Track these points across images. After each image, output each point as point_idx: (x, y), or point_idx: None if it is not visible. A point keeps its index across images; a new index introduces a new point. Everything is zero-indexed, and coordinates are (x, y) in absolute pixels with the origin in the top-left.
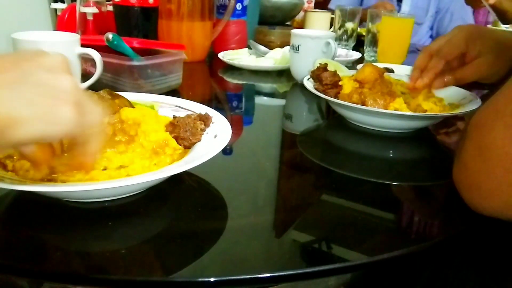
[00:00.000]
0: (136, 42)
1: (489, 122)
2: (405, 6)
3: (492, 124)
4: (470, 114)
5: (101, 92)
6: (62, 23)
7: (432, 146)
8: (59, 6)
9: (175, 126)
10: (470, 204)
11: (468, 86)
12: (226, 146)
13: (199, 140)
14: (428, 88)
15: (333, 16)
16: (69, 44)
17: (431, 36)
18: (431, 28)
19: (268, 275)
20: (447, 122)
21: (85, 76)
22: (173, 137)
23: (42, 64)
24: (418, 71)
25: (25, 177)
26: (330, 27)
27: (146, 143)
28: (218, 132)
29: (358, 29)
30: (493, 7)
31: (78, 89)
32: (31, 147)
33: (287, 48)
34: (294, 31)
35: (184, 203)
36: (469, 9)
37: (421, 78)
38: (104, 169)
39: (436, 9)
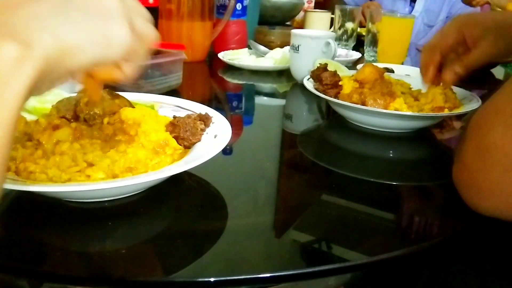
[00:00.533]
0: None
1: (489, 122)
2: (418, 7)
3: (491, 124)
4: (470, 114)
5: (101, 92)
6: None
7: (432, 146)
8: None
9: (175, 126)
10: (469, 204)
11: (468, 85)
12: (226, 146)
13: (199, 140)
14: (443, 84)
15: (333, 16)
16: None
17: None
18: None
19: (268, 275)
20: (447, 122)
21: None
22: (173, 137)
23: None
24: (424, 68)
25: (27, 179)
26: (330, 27)
27: (147, 143)
28: (218, 132)
29: (358, 29)
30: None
31: (125, 3)
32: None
33: (287, 48)
34: (294, 31)
35: (184, 203)
36: None
37: (425, 76)
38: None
39: (448, 13)
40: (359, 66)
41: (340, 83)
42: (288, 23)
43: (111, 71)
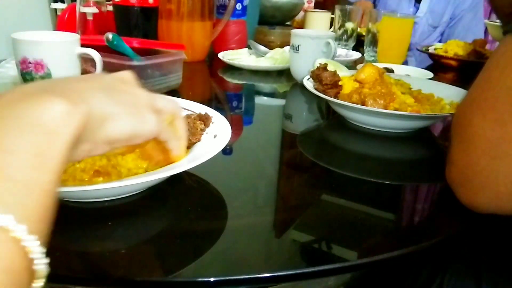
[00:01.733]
0: (136, 42)
1: (468, 115)
2: (423, 8)
3: (470, 115)
4: None
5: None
6: (62, 23)
7: (432, 146)
8: (59, 6)
9: None
10: (465, 202)
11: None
12: (226, 146)
13: (199, 140)
14: None
15: (333, 16)
16: (69, 44)
17: (439, 41)
18: (442, 34)
19: (268, 275)
20: (447, 122)
21: None
22: None
23: (118, 78)
24: None
25: None
26: (330, 27)
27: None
28: (218, 132)
29: (358, 29)
30: None
31: (150, 94)
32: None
33: (287, 48)
34: (294, 31)
35: (184, 203)
36: (480, 22)
37: None
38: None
39: (451, 15)
40: (359, 66)
41: (340, 83)
42: (288, 23)
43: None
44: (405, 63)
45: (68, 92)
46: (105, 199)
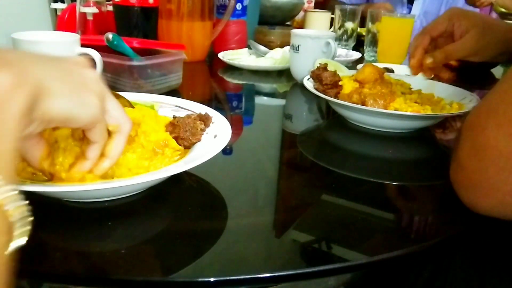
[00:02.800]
0: (136, 42)
1: (482, 122)
2: (415, 10)
3: (485, 124)
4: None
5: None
6: (62, 23)
7: (432, 146)
8: (59, 6)
9: (175, 126)
10: (467, 204)
11: (468, 85)
12: (226, 146)
13: (199, 140)
14: (424, 71)
15: (333, 16)
16: (69, 44)
17: None
18: None
19: (268, 275)
20: (447, 122)
21: None
22: (173, 137)
23: (69, 60)
24: (412, 50)
25: (27, 179)
26: (330, 27)
27: (146, 143)
28: (218, 132)
29: (358, 29)
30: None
31: (102, 83)
32: (33, 143)
33: (287, 48)
34: (294, 31)
35: (184, 203)
36: None
37: (412, 58)
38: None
39: None
40: (359, 66)
41: (340, 83)
42: (288, 23)
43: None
44: (405, 63)
45: (14, 60)
46: (105, 199)
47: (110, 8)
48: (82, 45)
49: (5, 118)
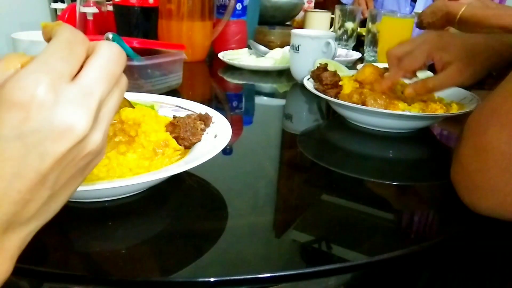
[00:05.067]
0: (136, 42)
1: (485, 122)
2: (419, 7)
3: (488, 124)
4: (470, 114)
5: None
6: None
7: (432, 146)
8: (59, 6)
9: (175, 126)
10: (468, 204)
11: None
12: (226, 146)
13: (199, 140)
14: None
15: (333, 16)
16: None
17: None
18: None
19: (268, 275)
20: (447, 122)
21: None
22: (173, 137)
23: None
24: (386, 80)
25: None
26: (330, 27)
27: (147, 143)
28: (218, 132)
29: (358, 29)
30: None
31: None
32: None
33: (287, 48)
34: (294, 31)
35: (184, 203)
36: None
37: (379, 84)
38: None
39: None
40: (359, 66)
41: (340, 83)
42: (288, 23)
43: None
44: None
45: None
46: (105, 199)
47: (110, 8)
48: None
49: None
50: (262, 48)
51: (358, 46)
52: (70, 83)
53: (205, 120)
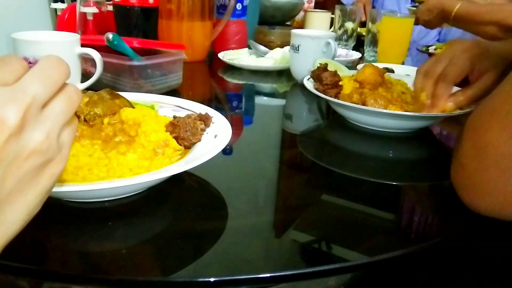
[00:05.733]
0: (136, 42)
1: (485, 123)
2: None
3: (488, 125)
4: (469, 114)
5: (101, 92)
6: (62, 23)
7: (432, 146)
8: (59, 6)
9: (175, 126)
10: (468, 204)
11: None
12: (226, 146)
13: (199, 140)
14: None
15: (333, 16)
16: (69, 44)
17: (438, 40)
18: (440, 33)
19: (268, 275)
20: (447, 122)
21: (85, 76)
22: (173, 137)
23: None
24: (425, 95)
25: None
26: (330, 27)
27: (147, 143)
28: (218, 132)
29: (358, 29)
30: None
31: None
32: None
33: (287, 48)
34: (294, 31)
35: (184, 203)
36: None
37: (435, 106)
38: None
39: None
40: (359, 66)
41: (340, 83)
42: (288, 23)
43: None
44: (405, 63)
45: None
46: (105, 199)
47: (110, 8)
48: (82, 45)
49: None
50: (262, 48)
51: (358, 46)
52: (4, 86)
53: (205, 120)
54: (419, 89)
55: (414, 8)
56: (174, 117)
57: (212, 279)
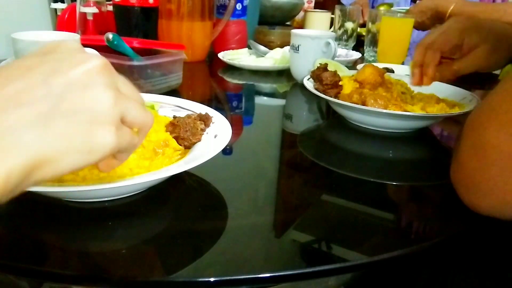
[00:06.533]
0: (136, 42)
1: (484, 121)
2: None
3: (487, 123)
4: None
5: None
6: (62, 23)
7: (432, 146)
8: (59, 6)
9: (175, 126)
10: (467, 204)
11: (468, 85)
12: (226, 146)
13: (199, 140)
14: (425, 81)
15: (333, 16)
16: None
17: None
18: None
19: (268, 275)
20: (447, 122)
21: None
22: (173, 137)
23: (75, 79)
24: (419, 67)
25: None
26: (330, 27)
27: (147, 143)
28: (218, 132)
29: (358, 29)
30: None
31: (119, 104)
32: None
33: (287, 48)
34: (294, 31)
35: (184, 203)
36: None
37: (425, 75)
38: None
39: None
40: (359, 66)
41: (340, 83)
42: (288, 23)
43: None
44: (405, 63)
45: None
46: (105, 199)
47: (110, 8)
48: (82, 45)
49: None
50: (262, 48)
51: (358, 46)
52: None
53: (205, 120)
54: (414, 60)
55: (407, 9)
56: (174, 117)
57: (212, 279)
